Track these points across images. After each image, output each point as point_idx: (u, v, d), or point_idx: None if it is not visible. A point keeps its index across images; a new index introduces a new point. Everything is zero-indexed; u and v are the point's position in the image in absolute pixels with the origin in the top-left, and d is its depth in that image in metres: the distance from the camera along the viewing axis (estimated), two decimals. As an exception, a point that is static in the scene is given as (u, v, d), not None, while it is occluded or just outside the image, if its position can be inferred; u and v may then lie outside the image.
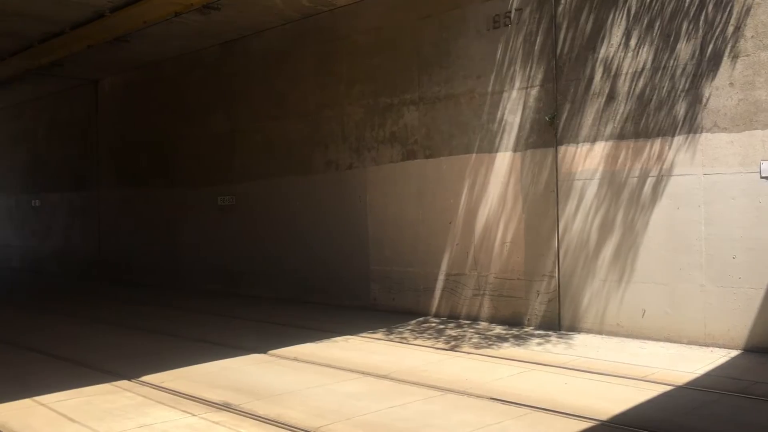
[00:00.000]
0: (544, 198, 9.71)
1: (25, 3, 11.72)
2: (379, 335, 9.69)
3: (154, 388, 7.00)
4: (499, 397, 6.37)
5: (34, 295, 16.28)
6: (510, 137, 10.11)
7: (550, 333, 9.35)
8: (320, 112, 12.87)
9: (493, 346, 8.72)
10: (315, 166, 13.01)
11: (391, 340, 9.36)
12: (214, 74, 15.14)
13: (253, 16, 12.84)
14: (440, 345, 8.95)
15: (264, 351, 8.65)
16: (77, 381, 7.26)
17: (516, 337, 9.25)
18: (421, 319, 10.86)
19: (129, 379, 7.36)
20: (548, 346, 8.65)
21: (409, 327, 10.26)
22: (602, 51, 9.14)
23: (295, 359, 8.25)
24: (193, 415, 6.06)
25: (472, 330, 9.85)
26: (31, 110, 21.52)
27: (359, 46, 12.17)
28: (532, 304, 9.84)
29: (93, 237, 19.09)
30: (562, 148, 9.52)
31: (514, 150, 10.06)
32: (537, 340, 8.97)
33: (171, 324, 11.06)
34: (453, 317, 10.75)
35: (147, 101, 17.07)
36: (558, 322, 9.53)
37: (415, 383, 6.99)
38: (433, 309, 11.08)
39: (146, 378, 7.35)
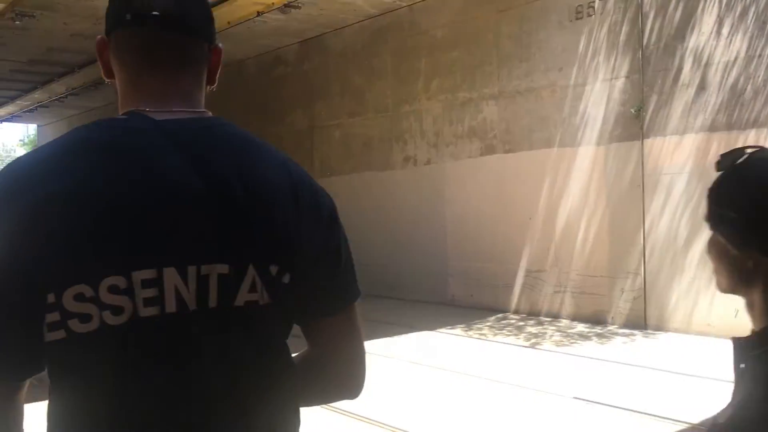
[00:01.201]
0: (629, 193, 9.42)
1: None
2: (457, 331, 9.64)
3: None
4: (582, 397, 6.23)
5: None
6: (593, 131, 9.86)
7: (635, 332, 9.07)
8: (398, 108, 12.90)
9: (575, 344, 8.53)
10: (393, 161, 13.06)
11: (469, 336, 9.30)
12: (293, 72, 15.41)
13: (332, 14, 12.99)
14: (520, 342, 8.83)
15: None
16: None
17: (599, 335, 9.02)
18: (500, 315, 10.74)
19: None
20: (633, 345, 8.40)
21: (488, 323, 10.17)
22: (692, 40, 8.77)
23: (370, 354, 8.30)
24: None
25: (553, 327, 9.67)
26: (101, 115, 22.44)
27: (438, 40, 12.13)
28: (616, 302, 9.57)
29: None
30: (648, 142, 9.21)
31: (598, 144, 9.80)
32: (621, 339, 8.73)
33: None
34: (533, 314, 10.58)
35: (229, 100, 17.52)
36: (643, 321, 9.23)
37: (495, 380, 6.92)
38: (513, 306, 10.94)
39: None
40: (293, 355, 1.31)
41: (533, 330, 9.55)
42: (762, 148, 1.34)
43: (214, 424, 1.12)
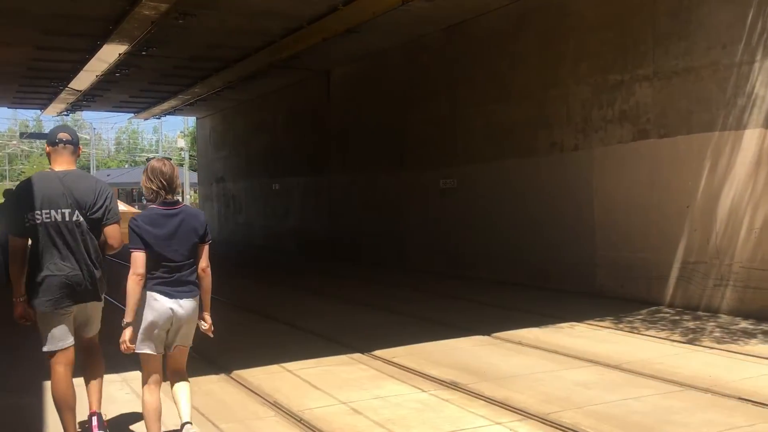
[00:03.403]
0: (803, 179, 8.62)
1: (270, 2, 12.81)
2: (606, 323, 9.29)
3: (385, 363, 7.34)
4: (749, 398, 5.80)
5: (277, 270, 17.87)
6: (761, 112, 9.09)
7: (808, 331, 8.32)
8: (544, 93, 12.56)
9: (739, 342, 7.96)
10: (538, 148, 12.75)
11: (620, 329, 8.93)
12: (436, 59, 15.41)
13: (476, -1, 12.86)
14: (676, 337, 8.36)
15: (488, 333, 8.69)
16: (317, 351, 7.83)
17: (766, 333, 8.36)
18: (652, 308, 10.22)
19: (362, 352, 7.78)
20: (807, 345, 7.71)
21: (640, 316, 9.71)
22: None
23: (520, 343, 8.19)
24: (423, 391, 6.27)
25: (712, 323, 9.07)
26: (271, 101, 23.51)
27: (587, 21, 11.66)
28: (786, 297, 8.81)
29: (325, 218, 20.49)
30: (827, 123, 8.36)
31: (766, 126, 9.03)
32: (792, 339, 8.04)
33: (397, 302, 11.52)
34: (689, 308, 9.98)
35: (374, 89, 17.86)
36: (818, 320, 8.44)
37: (650, 376, 6.60)
38: (666, 298, 10.37)
39: (378, 352, 7.73)
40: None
41: (690, 325, 9.01)
42: None
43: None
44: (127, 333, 4.17)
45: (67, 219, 4.35)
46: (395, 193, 16.96)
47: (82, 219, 4.36)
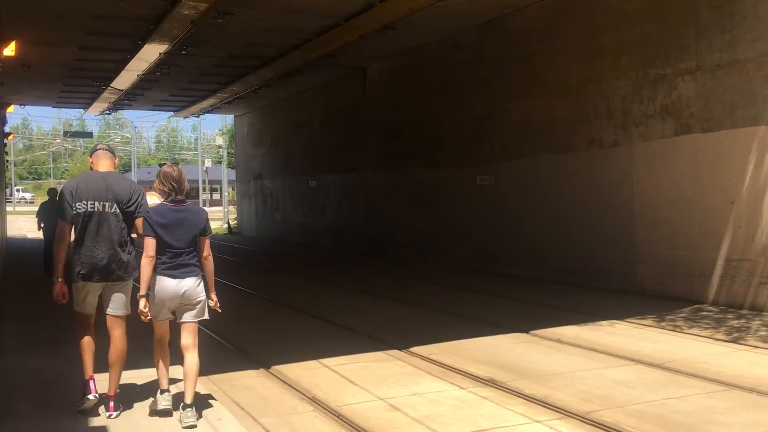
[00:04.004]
0: None
1: (306, 1, 12.87)
2: (648, 321, 9.14)
3: (423, 359, 7.33)
4: (797, 399, 5.66)
5: (313, 267, 17.98)
6: (809, 105, 8.84)
7: None
8: (582, 88, 12.40)
9: (786, 342, 7.76)
10: (576, 143, 12.59)
11: (662, 328, 8.78)
12: (473, 55, 15.33)
13: (513, -6, 12.74)
14: (720, 336, 8.19)
15: (526, 330, 8.62)
16: (354, 347, 7.85)
17: (814, 333, 8.14)
18: (695, 306, 10.03)
19: (399, 349, 7.78)
20: None
21: (683, 314, 9.54)
22: None
23: (559, 341, 8.10)
24: (461, 388, 6.24)
25: (758, 321, 8.86)
26: (308, 99, 23.66)
27: (627, 14, 11.47)
28: (836, 296, 8.56)
29: (361, 215, 20.54)
30: None
31: (815, 120, 8.78)
32: (842, 338, 7.80)
33: (433, 299, 11.51)
34: (733, 306, 9.76)
35: (410, 86, 17.84)
36: None
37: (693, 375, 6.47)
38: (710, 296, 10.16)
39: (415, 349, 7.72)
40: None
41: (734, 324, 8.82)
42: None
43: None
44: (142, 303, 5.08)
45: (107, 210, 5.27)
46: (431, 189, 16.92)
47: (118, 210, 5.29)
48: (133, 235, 5.44)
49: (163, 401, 5.19)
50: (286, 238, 26.04)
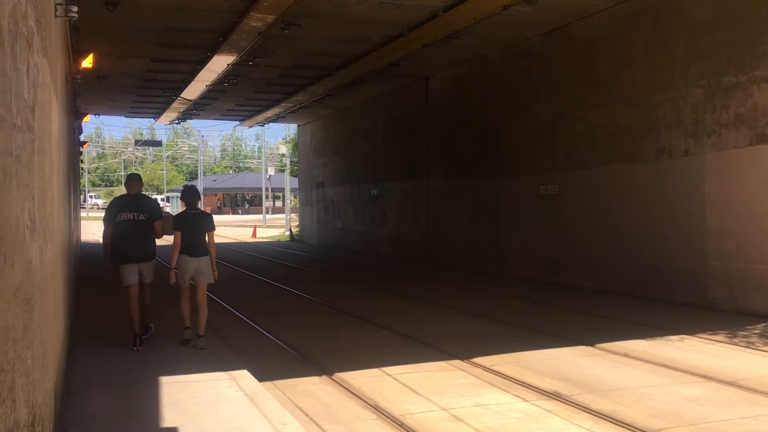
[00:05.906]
0: None
1: (371, 11, 13.01)
2: (720, 337, 8.84)
3: (485, 370, 7.28)
4: None
5: (374, 275, 18.06)
6: None
7: None
8: (651, 97, 12.12)
9: None
10: (644, 153, 12.30)
11: (735, 344, 8.48)
12: (537, 64, 15.17)
13: (579, 1, 12.57)
14: (798, 354, 7.85)
15: (591, 344, 8.45)
16: (416, 356, 7.86)
17: None
18: (770, 323, 9.65)
19: (461, 359, 7.74)
20: None
21: (757, 331, 9.18)
22: None
23: (626, 355, 7.91)
24: (525, 401, 6.17)
25: (839, 340, 8.46)
26: (370, 108, 23.84)
27: (698, 21, 11.17)
28: None
29: (422, 223, 20.54)
30: None
31: None
32: None
33: (495, 309, 11.40)
34: (812, 324, 9.35)
35: (472, 94, 17.78)
36: None
37: (768, 394, 6.23)
38: (786, 313, 9.76)
39: (477, 360, 7.67)
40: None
41: (813, 342, 8.44)
42: None
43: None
44: (172, 274, 7.85)
45: (138, 218, 8.15)
46: (493, 198, 16.80)
47: (144, 218, 8.15)
48: (158, 235, 8.33)
49: (187, 334, 7.98)
50: (346, 245, 26.24)
